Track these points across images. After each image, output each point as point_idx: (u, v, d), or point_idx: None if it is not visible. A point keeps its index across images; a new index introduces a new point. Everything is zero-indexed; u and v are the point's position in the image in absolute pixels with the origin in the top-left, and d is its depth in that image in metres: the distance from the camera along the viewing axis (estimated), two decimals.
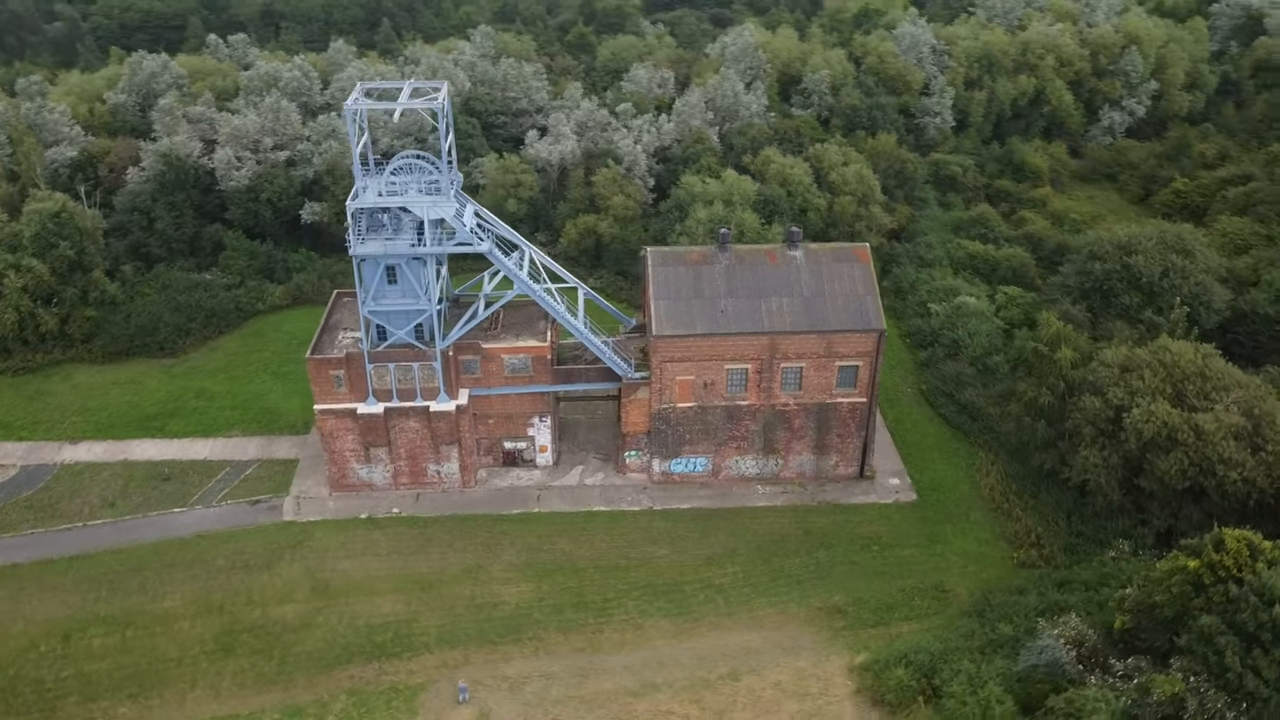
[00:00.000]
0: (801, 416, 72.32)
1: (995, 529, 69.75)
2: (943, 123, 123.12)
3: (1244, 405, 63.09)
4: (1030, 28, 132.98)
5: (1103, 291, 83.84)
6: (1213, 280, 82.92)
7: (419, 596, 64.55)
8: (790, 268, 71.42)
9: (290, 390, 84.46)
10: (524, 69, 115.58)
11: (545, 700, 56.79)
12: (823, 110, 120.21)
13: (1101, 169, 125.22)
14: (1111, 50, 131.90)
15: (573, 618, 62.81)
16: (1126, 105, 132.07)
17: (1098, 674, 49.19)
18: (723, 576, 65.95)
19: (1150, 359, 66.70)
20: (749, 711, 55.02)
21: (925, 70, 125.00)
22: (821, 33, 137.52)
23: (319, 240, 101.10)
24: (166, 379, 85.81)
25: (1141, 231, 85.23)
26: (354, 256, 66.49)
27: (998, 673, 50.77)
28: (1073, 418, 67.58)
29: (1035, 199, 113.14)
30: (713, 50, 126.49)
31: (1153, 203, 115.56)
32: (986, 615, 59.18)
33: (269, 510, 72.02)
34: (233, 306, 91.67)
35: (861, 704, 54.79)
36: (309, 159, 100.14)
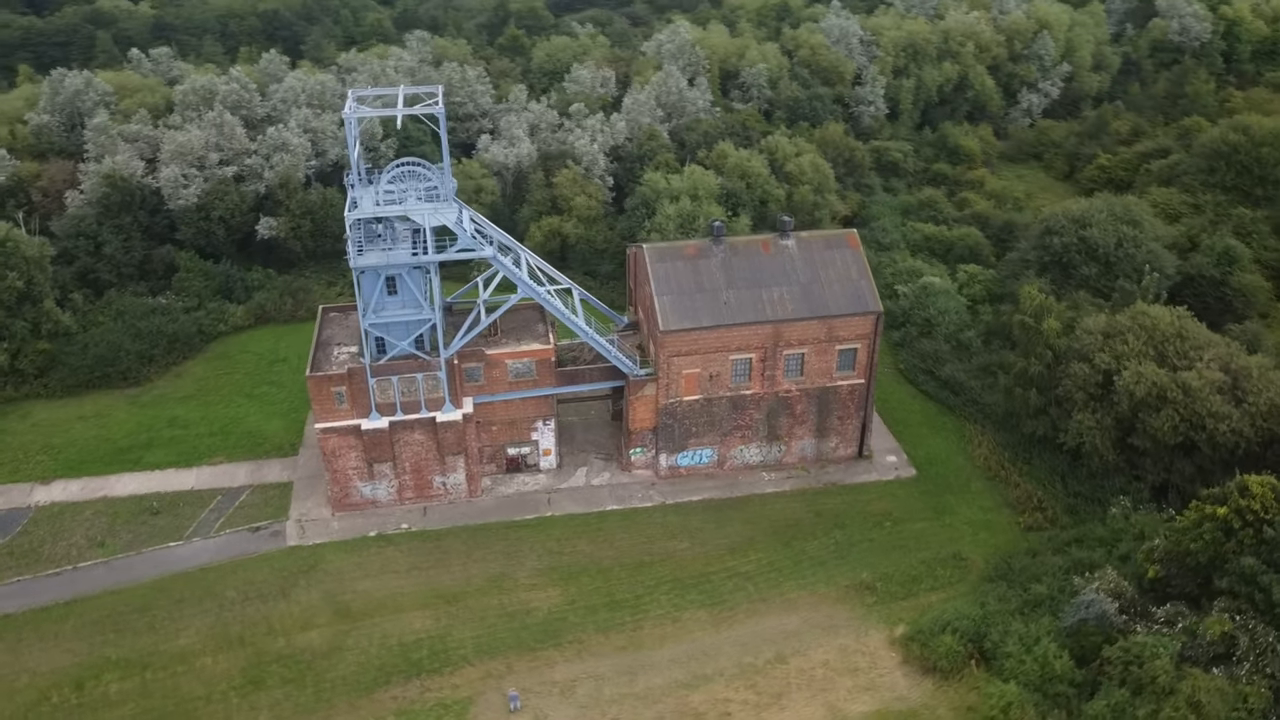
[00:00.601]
0: (803, 402, 73.78)
1: (996, 496, 72.53)
2: (877, 111, 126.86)
3: (1222, 362, 67.26)
4: (948, 16, 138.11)
5: (1062, 264, 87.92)
6: (1160, 248, 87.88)
7: (447, 610, 63.42)
8: (785, 257, 72.77)
9: (269, 412, 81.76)
10: (467, 73, 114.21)
11: (600, 701, 56.64)
12: (762, 103, 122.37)
13: (1026, 149, 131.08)
14: (1025, 35, 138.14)
15: (608, 618, 62.69)
16: (1042, 88, 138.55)
17: (1142, 623, 51.88)
18: (747, 564, 66.80)
19: (1131, 324, 70.43)
20: (805, 691, 56.01)
21: (856, 61, 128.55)
22: (751, 27, 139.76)
23: (274, 256, 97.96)
24: (134, 409, 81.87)
25: (1093, 205, 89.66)
26: (354, 269, 64.88)
27: (1046, 630, 53.00)
28: (1063, 384, 70.80)
29: (972, 180, 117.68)
30: (648, 48, 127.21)
31: (1079, 179, 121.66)
32: (1012, 578, 61.62)
33: (272, 537, 69.59)
34: (195, 330, 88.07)
35: (912, 673, 56.40)
36: (259, 173, 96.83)
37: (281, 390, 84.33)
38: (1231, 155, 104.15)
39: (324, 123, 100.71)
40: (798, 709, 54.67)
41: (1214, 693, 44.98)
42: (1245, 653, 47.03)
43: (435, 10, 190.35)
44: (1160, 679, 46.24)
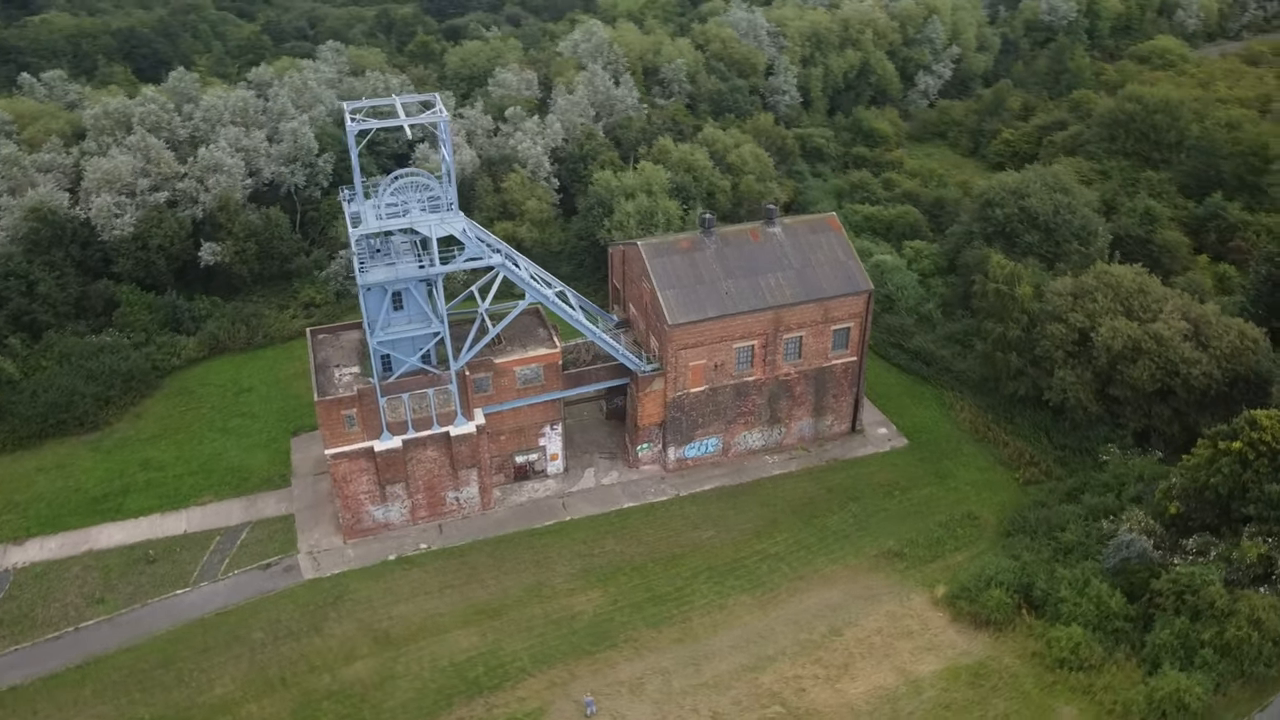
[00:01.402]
0: (802, 383, 75.81)
1: (989, 456, 76.42)
2: (791, 100, 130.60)
3: (1182, 312, 72.92)
4: (845, 6, 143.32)
5: (1005, 234, 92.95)
6: (1091, 212, 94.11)
7: (491, 624, 62.41)
8: (774, 243, 74.54)
9: (248, 445, 78.14)
10: (390, 81, 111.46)
11: (672, 694, 57.00)
12: (683, 98, 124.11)
13: (930, 128, 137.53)
14: (916, 21, 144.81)
15: (656, 612, 63.02)
16: (935, 70, 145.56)
17: (1175, 556, 56.05)
18: (776, 545, 68.28)
19: (1097, 284, 75.42)
20: (869, 659, 57.90)
21: (766, 52, 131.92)
22: (659, 24, 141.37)
23: (218, 283, 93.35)
24: (99, 456, 76.71)
25: (1027, 176, 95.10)
26: (361, 287, 62.89)
27: (1093, 572, 56.51)
28: (1041, 345, 75.16)
29: (890, 161, 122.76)
30: (564, 48, 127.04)
31: (985, 153, 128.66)
32: (1030, 530, 65.24)
33: (285, 572, 66.73)
34: (149, 366, 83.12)
35: (965, 629, 59.07)
36: (194, 198, 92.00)
37: (256, 421, 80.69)
38: (1129, 124, 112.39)
39: (255, 141, 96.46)
40: (868, 676, 56.51)
41: (1270, 609, 49.30)
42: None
43: (298, 21, 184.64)
44: (1218, 603, 50.31)
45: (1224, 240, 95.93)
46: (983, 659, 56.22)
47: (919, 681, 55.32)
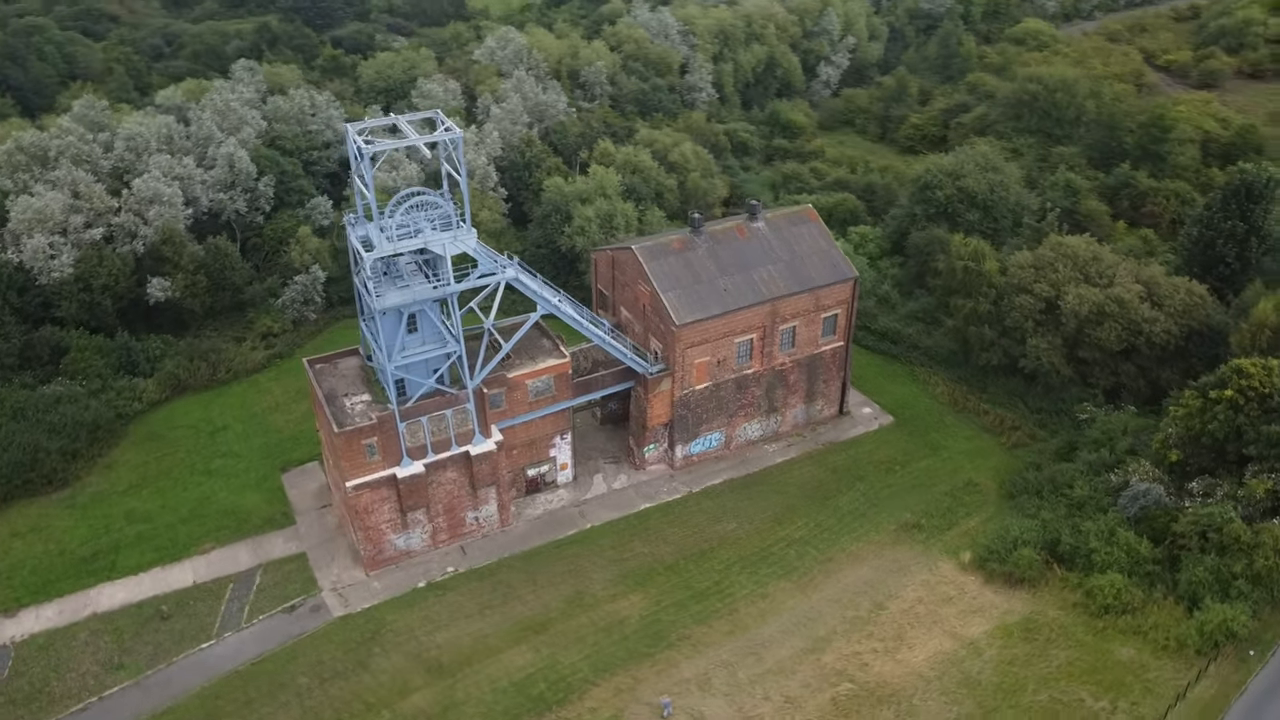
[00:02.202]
0: (796, 372, 78.12)
1: (972, 426, 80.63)
2: (709, 97, 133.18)
3: (1135, 275, 78.84)
4: (746, 2, 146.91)
5: (947, 214, 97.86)
6: (1021, 188, 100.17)
7: (541, 639, 62.12)
8: (760, 238, 76.47)
9: (238, 485, 74.85)
10: (316, 98, 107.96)
11: (740, 686, 58.21)
12: (606, 100, 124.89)
13: (838, 117, 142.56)
14: (813, 14, 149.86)
15: (701, 609, 64.05)
16: (834, 60, 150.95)
17: (1186, 499, 60.94)
18: (798, 530, 70.34)
19: (1055, 255, 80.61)
20: (920, 628, 60.59)
21: (679, 51, 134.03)
22: (568, 28, 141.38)
23: (168, 320, 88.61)
24: (77, 513, 71.95)
25: (960, 158, 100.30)
26: (377, 312, 61.33)
27: (1118, 522, 60.78)
28: (1011, 316, 79.82)
29: (812, 151, 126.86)
30: (481, 55, 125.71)
31: (895, 138, 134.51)
32: (1035, 490, 69.41)
33: (313, 612, 64.50)
34: (113, 414, 78.36)
35: (1000, 589, 62.51)
36: (132, 232, 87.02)
37: (239, 460, 77.31)
38: (1032, 103, 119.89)
39: (188, 168, 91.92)
40: (925, 644, 59.18)
41: None
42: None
43: (155, 40, 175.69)
44: (1242, 538, 55.16)
45: (1136, 207, 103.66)
46: (1027, 615, 59.77)
47: (975, 643, 58.38)
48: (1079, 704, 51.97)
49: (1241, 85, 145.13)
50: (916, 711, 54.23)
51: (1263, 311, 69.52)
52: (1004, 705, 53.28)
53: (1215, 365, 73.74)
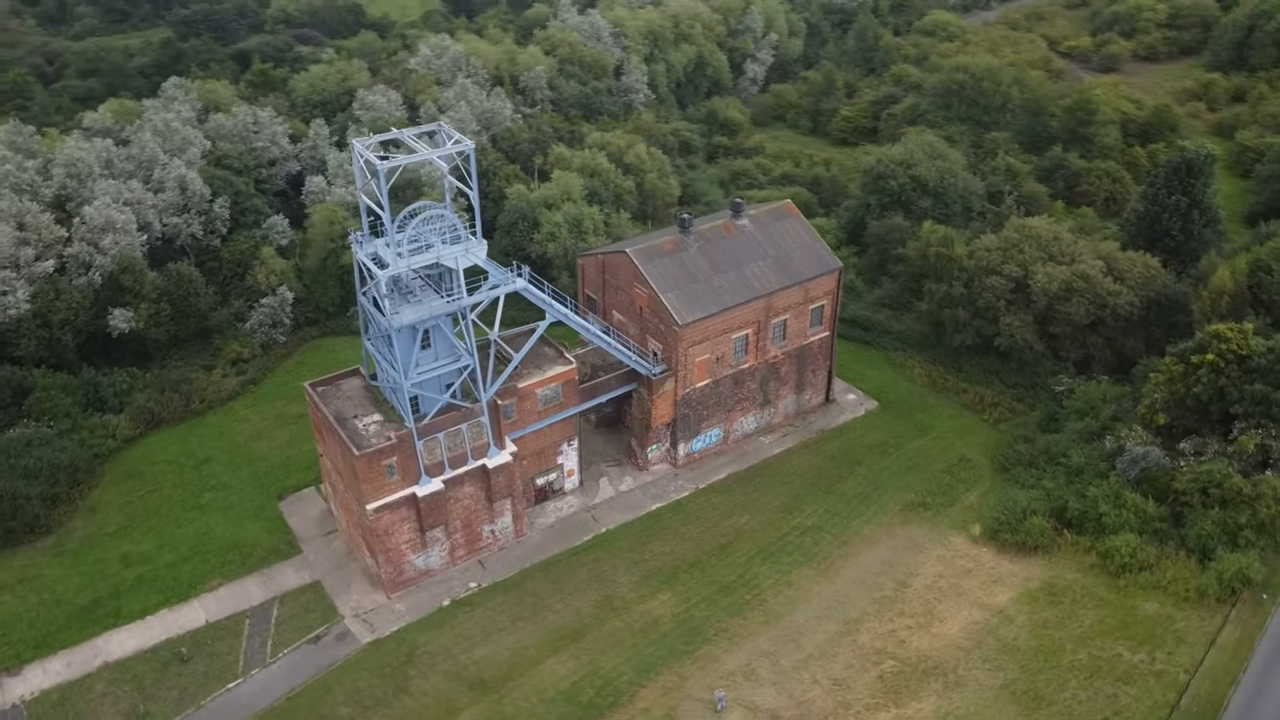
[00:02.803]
0: (787, 363, 79.87)
1: (954, 405, 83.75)
2: (646, 98, 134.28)
3: (1095, 252, 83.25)
4: (672, 2, 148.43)
5: (901, 202, 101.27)
6: (967, 174, 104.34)
7: (578, 647, 62.17)
8: (747, 235, 77.92)
9: (234, 518, 72.42)
10: (259, 115, 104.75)
11: (785, 672, 59.43)
12: (546, 104, 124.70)
13: (769, 113, 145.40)
14: (736, 12, 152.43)
15: (731, 602, 65.07)
16: (759, 57, 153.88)
17: (1179, 459, 64.85)
18: (809, 518, 71.99)
19: (1020, 237, 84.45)
20: (947, 601, 62.90)
21: (613, 53, 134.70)
22: (500, 33, 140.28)
23: (130, 351, 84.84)
24: (67, 560, 68.47)
25: (909, 147, 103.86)
26: (393, 330, 60.33)
27: (1122, 485, 64.26)
28: (983, 297, 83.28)
29: (753, 147, 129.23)
30: (417, 64, 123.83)
31: (828, 131, 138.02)
32: (1029, 462, 72.69)
33: (339, 641, 63.07)
34: (89, 454, 74.78)
35: (1014, 558, 65.38)
36: (87, 262, 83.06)
37: (231, 492, 74.76)
38: (960, 92, 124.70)
39: (137, 193, 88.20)
40: (956, 616, 61.53)
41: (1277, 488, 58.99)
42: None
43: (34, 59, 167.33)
44: (1243, 490, 59.17)
45: (1071, 187, 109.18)
46: (1047, 580, 62.73)
47: (1004, 611, 61.01)
48: (1118, 659, 55.05)
49: (1139, 68, 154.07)
50: (963, 681, 56.47)
51: (1221, 279, 74.43)
52: (1046, 667, 55.97)
53: (1175, 333, 79.09)
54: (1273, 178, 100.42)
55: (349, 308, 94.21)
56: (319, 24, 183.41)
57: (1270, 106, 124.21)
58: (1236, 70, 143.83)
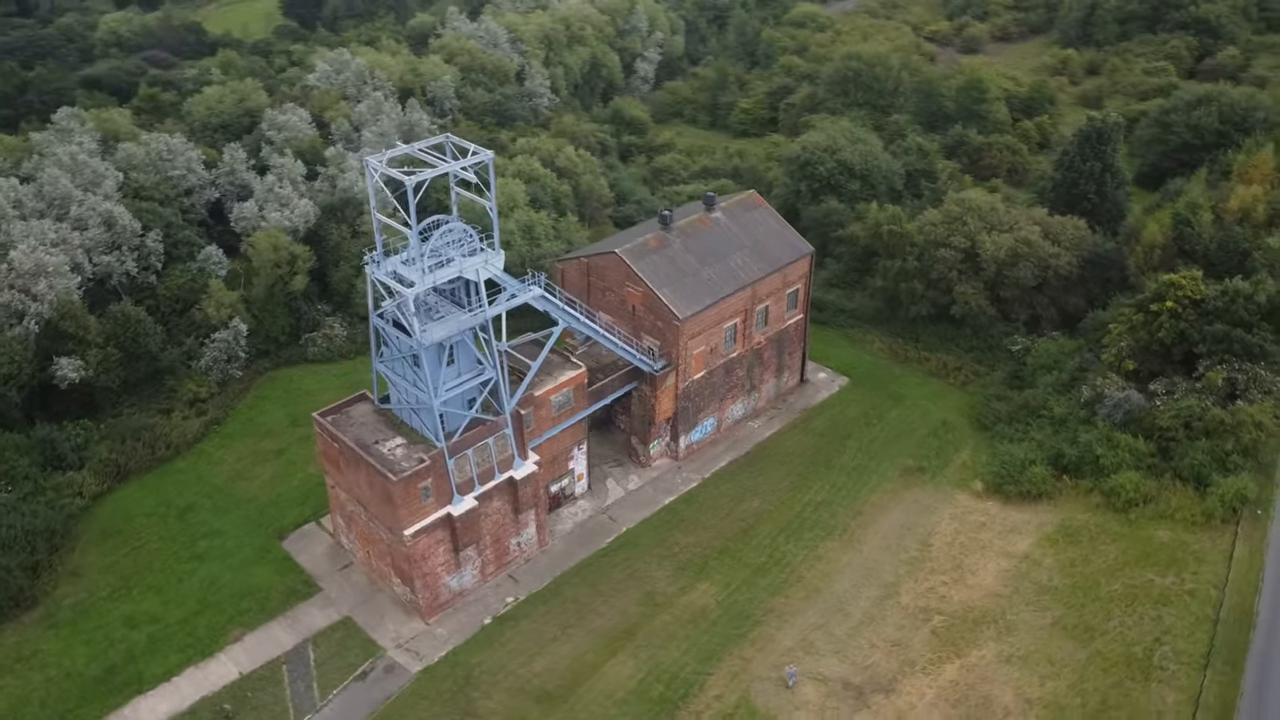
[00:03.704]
0: (769, 348, 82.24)
1: (919, 373, 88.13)
2: (550, 102, 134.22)
3: (1030, 219, 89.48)
4: (562, 5, 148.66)
5: (831, 186, 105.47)
6: (886, 155, 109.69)
7: (635, 645, 62.50)
8: (722, 227, 79.78)
9: (238, 563, 68.82)
10: (171, 142, 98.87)
11: (840, 639, 61.60)
12: (456, 114, 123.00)
13: (666, 110, 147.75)
14: (622, 13, 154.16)
15: (770, 582, 66.72)
16: (647, 56, 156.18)
17: (1154, 399, 70.81)
18: (819, 494, 74.48)
19: (961, 210, 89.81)
20: (973, 555, 66.58)
21: (513, 59, 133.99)
22: (394, 44, 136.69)
23: (77, 402, 78.88)
24: (64, 632, 63.29)
25: (831, 133, 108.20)
26: (422, 348, 58.94)
27: (1110, 429, 69.60)
28: (935, 268, 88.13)
29: (662, 144, 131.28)
30: (317, 79, 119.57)
31: (728, 124, 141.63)
32: (1009, 418, 77.61)
33: (388, 674, 61.17)
34: (62, 516, 69.29)
35: (1022, 507, 69.83)
36: (19, 310, 76.73)
37: (226, 537, 70.89)
38: (856, 79, 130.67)
39: (63, 233, 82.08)
40: (986, 566, 65.29)
41: (1260, 414, 65.25)
42: (1245, 385, 68.08)
43: None
44: (1224, 420, 65.44)
45: (974, 161, 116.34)
46: (1060, 523, 67.41)
47: (1029, 556, 65.22)
48: (1151, 584, 59.98)
49: (998, 48, 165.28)
50: (1014, 625, 60.18)
51: (1152, 234, 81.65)
52: (1088, 601, 60.35)
53: (1110, 287, 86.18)
54: (1154, 141, 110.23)
55: (300, 336, 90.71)
56: (157, 44, 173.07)
57: (1128, 77, 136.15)
58: (1083, 46, 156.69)
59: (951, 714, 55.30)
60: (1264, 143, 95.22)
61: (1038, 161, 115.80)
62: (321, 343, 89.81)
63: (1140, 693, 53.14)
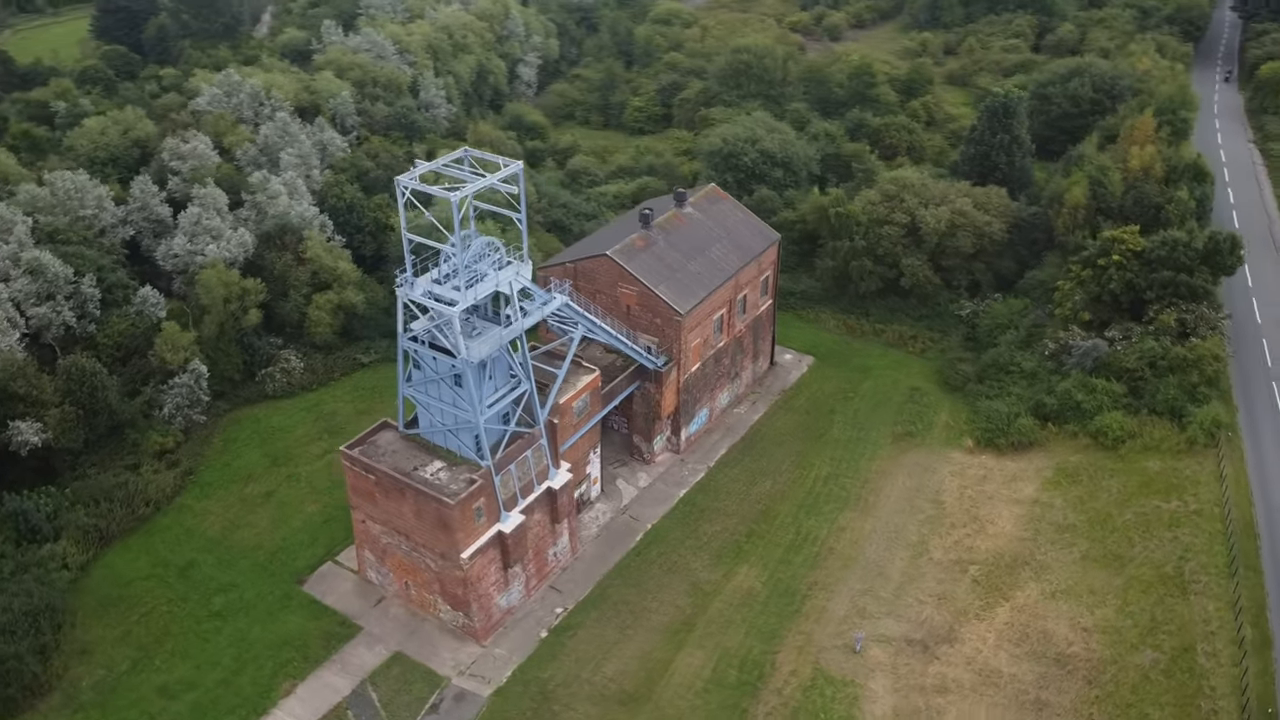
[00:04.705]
0: (747, 335, 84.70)
1: (877, 345, 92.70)
2: (448, 112, 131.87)
3: (959, 192, 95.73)
4: (439, 15, 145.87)
5: (756, 175, 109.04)
6: (802, 143, 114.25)
7: (697, 636, 63.53)
8: (696, 221, 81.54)
9: (263, 615, 65.43)
10: (74, 179, 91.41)
11: (890, 601, 64.66)
12: (360, 130, 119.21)
13: (557, 113, 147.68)
14: (499, 18, 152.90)
15: (805, 556, 69.04)
16: (528, 60, 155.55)
17: (1114, 344, 77.60)
18: (824, 468, 77.41)
19: (896, 189, 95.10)
20: (984, 506, 71.08)
21: (404, 71, 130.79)
22: (274, 61, 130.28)
23: (30, 469, 72.23)
24: (95, 715, 58.39)
25: (749, 123, 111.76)
26: (468, 366, 57.93)
27: (1085, 376, 75.68)
28: (881, 245, 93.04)
29: (566, 148, 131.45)
30: (204, 104, 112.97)
31: (623, 123, 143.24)
32: (979, 378, 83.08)
33: (460, 702, 59.92)
34: (57, 592, 63.65)
35: (1015, 457, 74.93)
36: None
37: (243, 589, 67.14)
38: (747, 71, 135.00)
39: None
40: (1000, 515, 69.89)
41: (1215, 346, 73.10)
42: (1194, 324, 75.72)
43: None
44: (1185, 355, 72.75)
45: (875, 142, 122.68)
46: (1056, 466, 72.92)
47: (1038, 500, 70.35)
48: (1158, 510, 66.03)
49: (857, 34, 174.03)
50: (1046, 564, 64.97)
51: (1075, 196, 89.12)
52: (1107, 533, 65.81)
53: (1037, 248, 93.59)
54: (1036, 112, 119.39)
55: (255, 373, 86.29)
56: None
57: (990, 55, 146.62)
58: (932, 29, 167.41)
59: (1017, 652, 59.40)
60: (1140, 107, 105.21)
61: (931, 139, 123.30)
62: (280, 377, 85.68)
63: (1183, 606, 58.82)
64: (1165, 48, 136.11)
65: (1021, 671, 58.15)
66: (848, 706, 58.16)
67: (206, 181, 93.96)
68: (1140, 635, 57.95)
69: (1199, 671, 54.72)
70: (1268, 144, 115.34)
